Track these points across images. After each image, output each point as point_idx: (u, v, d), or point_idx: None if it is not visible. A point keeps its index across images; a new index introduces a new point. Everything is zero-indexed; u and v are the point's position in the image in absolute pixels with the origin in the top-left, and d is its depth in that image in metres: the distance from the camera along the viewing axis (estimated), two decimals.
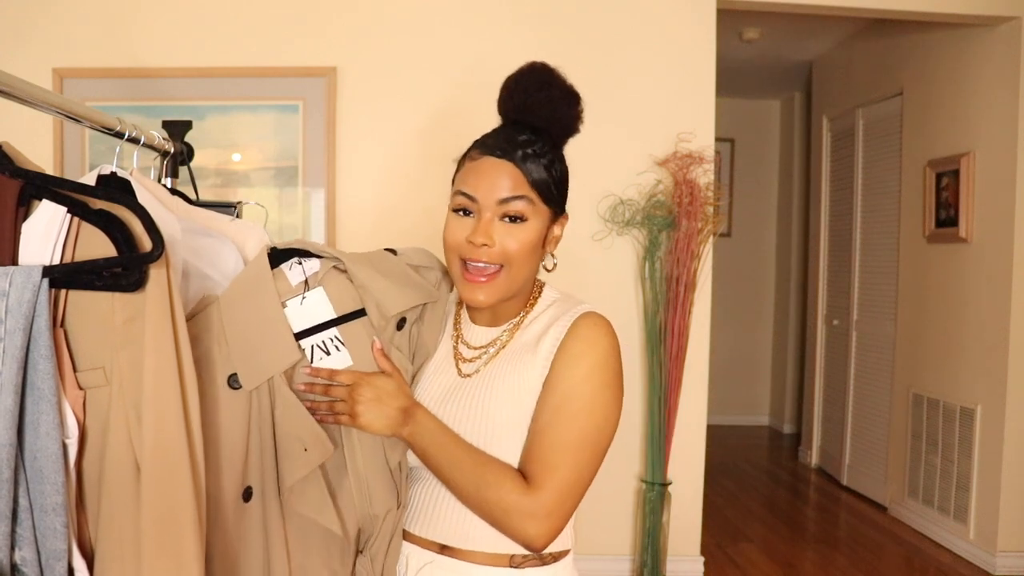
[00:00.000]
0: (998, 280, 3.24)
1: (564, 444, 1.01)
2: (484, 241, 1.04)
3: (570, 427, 1.01)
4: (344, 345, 1.10)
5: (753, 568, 3.27)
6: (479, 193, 1.05)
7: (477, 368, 1.11)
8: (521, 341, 1.11)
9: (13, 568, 0.84)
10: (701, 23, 3.00)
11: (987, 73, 3.33)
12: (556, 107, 1.08)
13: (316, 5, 2.92)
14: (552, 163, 1.07)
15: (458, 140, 1.16)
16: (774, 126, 6.00)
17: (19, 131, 2.26)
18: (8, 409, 0.81)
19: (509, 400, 1.06)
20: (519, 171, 1.05)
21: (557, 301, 1.14)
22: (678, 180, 2.90)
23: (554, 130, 1.09)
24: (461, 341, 1.16)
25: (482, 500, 1.01)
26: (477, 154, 1.08)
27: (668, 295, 2.90)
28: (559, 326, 1.08)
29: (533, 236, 1.06)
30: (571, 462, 1.01)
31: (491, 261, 1.05)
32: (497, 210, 1.05)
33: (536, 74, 1.10)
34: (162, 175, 1.47)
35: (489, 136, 1.09)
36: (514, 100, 1.09)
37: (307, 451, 1.04)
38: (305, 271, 1.10)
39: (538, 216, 1.07)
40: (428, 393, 1.13)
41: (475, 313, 1.16)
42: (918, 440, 3.73)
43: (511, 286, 1.08)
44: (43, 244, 0.88)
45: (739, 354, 5.90)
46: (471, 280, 1.06)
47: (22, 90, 0.95)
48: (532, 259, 1.08)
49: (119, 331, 0.87)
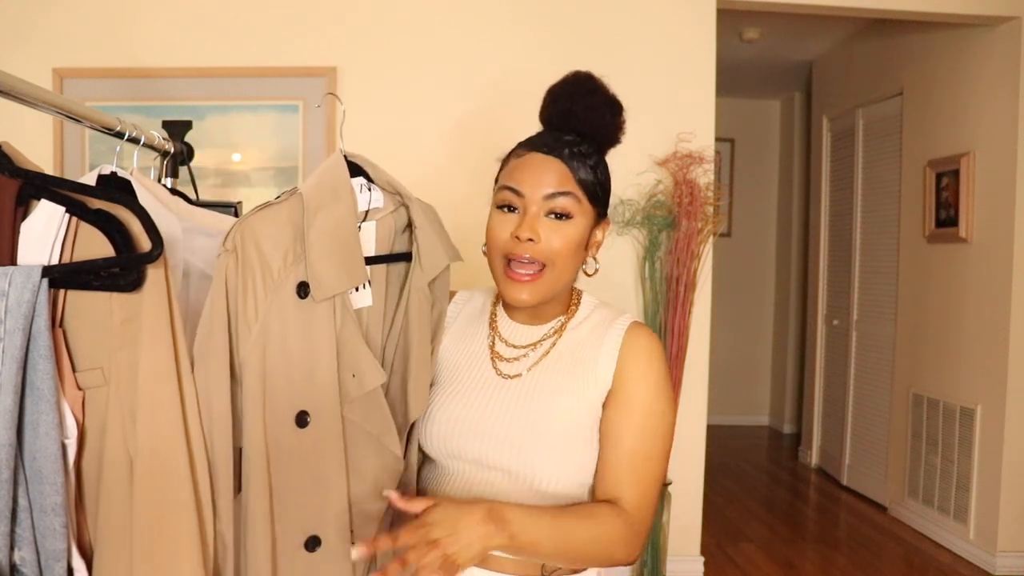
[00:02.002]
0: (998, 280, 3.24)
1: (649, 462, 1.05)
2: (530, 235, 1.02)
3: (653, 444, 1.06)
4: (371, 284, 1.09)
5: (753, 568, 3.27)
6: (525, 187, 1.04)
7: (520, 371, 1.09)
8: (570, 348, 1.10)
9: (12, 568, 0.84)
10: (701, 23, 3.00)
11: (987, 73, 3.33)
12: (600, 114, 1.08)
13: (316, 5, 2.92)
14: (598, 164, 1.08)
15: (458, 140, 1.17)
16: (774, 126, 6.00)
17: (19, 131, 2.26)
18: (7, 409, 0.80)
19: (565, 411, 1.05)
20: (566, 167, 1.04)
21: (599, 307, 1.14)
22: (678, 180, 2.90)
23: (599, 136, 1.09)
24: (499, 339, 1.13)
25: (597, 555, 1.01)
26: (523, 151, 1.08)
27: (668, 295, 2.90)
28: (612, 339, 1.08)
29: (578, 235, 1.05)
30: (655, 476, 1.05)
31: (536, 257, 1.03)
32: (544, 205, 1.04)
33: (580, 82, 1.09)
34: (162, 175, 1.47)
35: (535, 136, 1.09)
36: (558, 106, 1.09)
37: (355, 377, 1.02)
38: (370, 202, 1.08)
39: (583, 215, 1.06)
40: (461, 389, 1.10)
41: (513, 310, 1.14)
42: (918, 440, 3.73)
43: (554, 286, 1.06)
44: (42, 244, 0.88)
45: (739, 354, 5.89)
46: (515, 278, 1.04)
47: (22, 90, 0.95)
48: (575, 259, 1.07)
49: (117, 331, 0.87)
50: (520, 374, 1.09)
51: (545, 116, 1.11)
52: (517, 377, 1.09)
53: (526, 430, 1.04)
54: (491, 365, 1.11)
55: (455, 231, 1.22)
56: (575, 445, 1.04)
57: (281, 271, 0.98)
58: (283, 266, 0.98)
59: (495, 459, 1.05)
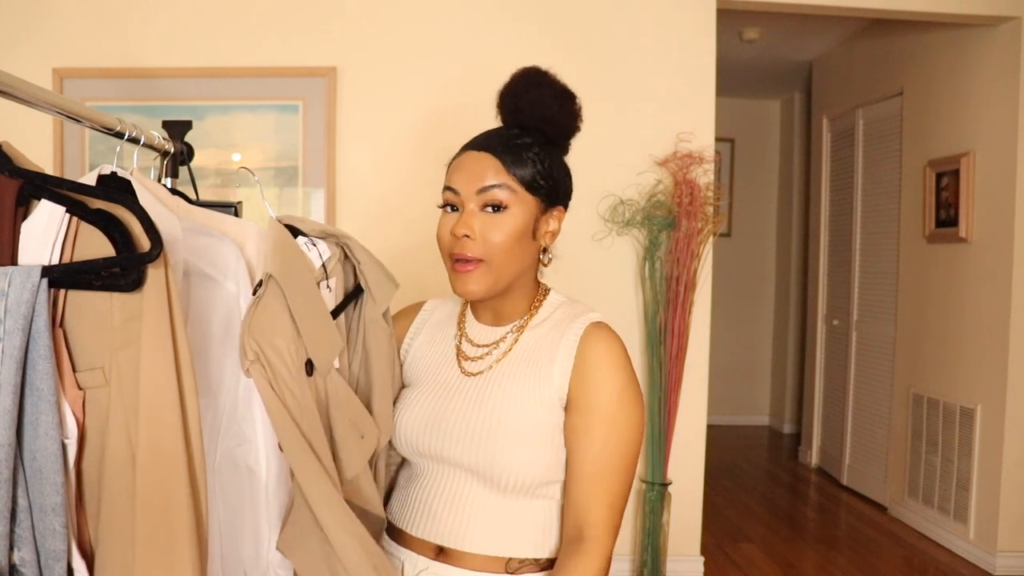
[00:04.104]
0: (998, 280, 3.24)
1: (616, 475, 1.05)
2: (465, 231, 1.05)
3: (619, 455, 1.05)
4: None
5: (753, 568, 3.27)
6: (459, 184, 1.07)
7: (482, 368, 1.12)
8: (529, 345, 1.11)
9: (12, 568, 0.84)
10: (701, 23, 3.00)
11: (987, 73, 3.33)
12: (546, 106, 1.10)
13: (316, 5, 2.92)
14: (538, 154, 1.08)
15: (458, 140, 1.17)
16: (774, 126, 6.00)
17: (19, 131, 2.25)
18: (7, 409, 0.80)
19: (520, 407, 1.06)
20: (498, 161, 1.06)
21: (563, 305, 1.14)
22: (678, 180, 2.90)
23: (548, 128, 1.11)
24: (465, 339, 1.16)
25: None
26: (461, 152, 1.12)
27: (668, 295, 2.90)
28: (570, 337, 1.08)
29: (517, 226, 1.06)
30: (622, 488, 1.06)
31: (474, 255, 1.06)
32: (477, 200, 1.06)
33: (527, 77, 1.12)
34: (162, 175, 1.46)
35: (475, 136, 1.12)
36: (505, 103, 1.12)
37: (363, 438, 1.05)
38: (321, 255, 1.09)
39: (521, 205, 1.07)
40: (428, 388, 1.13)
41: (479, 312, 1.17)
42: (918, 440, 3.73)
43: (500, 276, 1.08)
44: (42, 244, 0.88)
45: (739, 354, 5.89)
46: (459, 270, 1.07)
47: (22, 90, 0.95)
48: (518, 251, 1.08)
49: (118, 331, 0.87)
50: (482, 371, 1.11)
51: (499, 114, 1.14)
52: (479, 375, 1.11)
53: (484, 425, 1.06)
54: (457, 365, 1.14)
55: None
56: (534, 442, 1.05)
57: (295, 359, 1.00)
58: (295, 353, 1.01)
59: (458, 455, 1.07)
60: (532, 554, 1.07)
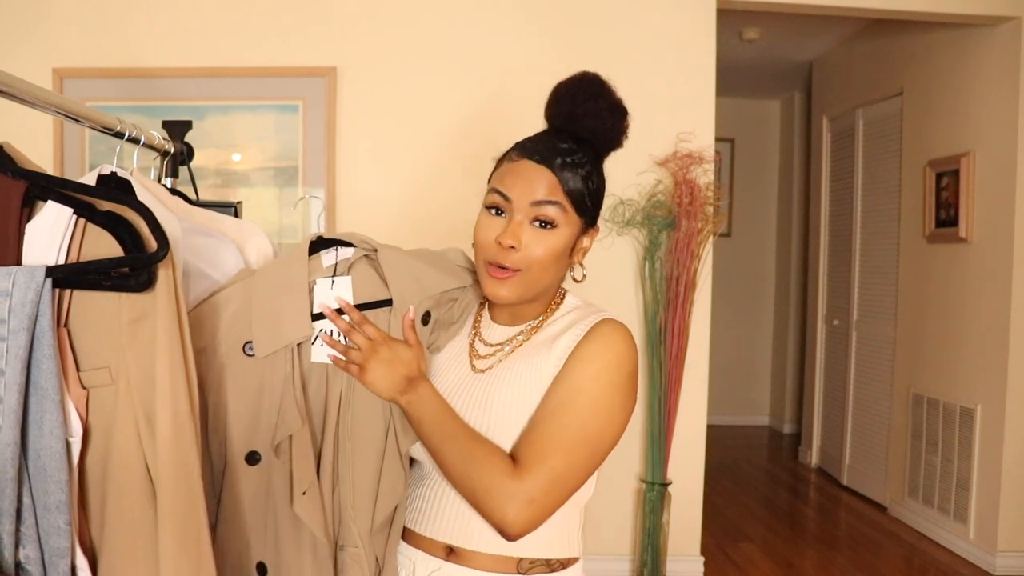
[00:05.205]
0: (998, 280, 3.24)
1: (562, 436, 1.00)
2: (512, 243, 1.04)
3: (571, 421, 1.00)
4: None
5: (753, 568, 3.27)
6: (514, 193, 1.05)
7: (490, 365, 1.11)
8: (537, 341, 1.10)
9: (17, 566, 0.84)
10: (701, 23, 3.00)
11: (987, 73, 3.33)
12: (602, 119, 1.08)
13: (316, 5, 2.92)
14: (590, 175, 1.07)
15: (458, 139, 1.17)
16: (774, 126, 6.00)
17: (19, 131, 2.25)
18: (12, 408, 0.81)
19: (516, 393, 1.06)
20: (555, 178, 1.05)
21: (578, 308, 1.14)
22: (678, 180, 2.90)
23: (597, 142, 1.09)
24: (479, 339, 1.16)
25: (467, 475, 0.99)
26: (516, 156, 1.08)
27: (668, 295, 2.90)
28: (577, 329, 1.08)
29: (561, 244, 1.06)
30: (565, 455, 0.99)
31: (514, 266, 1.05)
32: (529, 212, 1.05)
33: (586, 84, 1.09)
34: (162, 175, 1.47)
35: (530, 140, 1.09)
36: (561, 108, 1.09)
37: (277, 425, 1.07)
38: (337, 256, 1.11)
39: (568, 225, 1.06)
40: (440, 386, 1.12)
41: (496, 312, 1.16)
42: (918, 440, 3.73)
43: (533, 287, 1.08)
44: (48, 245, 0.88)
45: (739, 354, 5.90)
46: (495, 275, 1.06)
47: (22, 90, 0.95)
48: (555, 267, 1.08)
49: (125, 331, 0.87)
50: (491, 367, 1.11)
51: (548, 114, 1.11)
52: (487, 371, 1.11)
53: (484, 413, 1.06)
54: (469, 363, 1.14)
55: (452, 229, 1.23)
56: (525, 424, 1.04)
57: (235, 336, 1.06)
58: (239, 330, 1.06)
59: None
60: (544, 554, 1.07)
